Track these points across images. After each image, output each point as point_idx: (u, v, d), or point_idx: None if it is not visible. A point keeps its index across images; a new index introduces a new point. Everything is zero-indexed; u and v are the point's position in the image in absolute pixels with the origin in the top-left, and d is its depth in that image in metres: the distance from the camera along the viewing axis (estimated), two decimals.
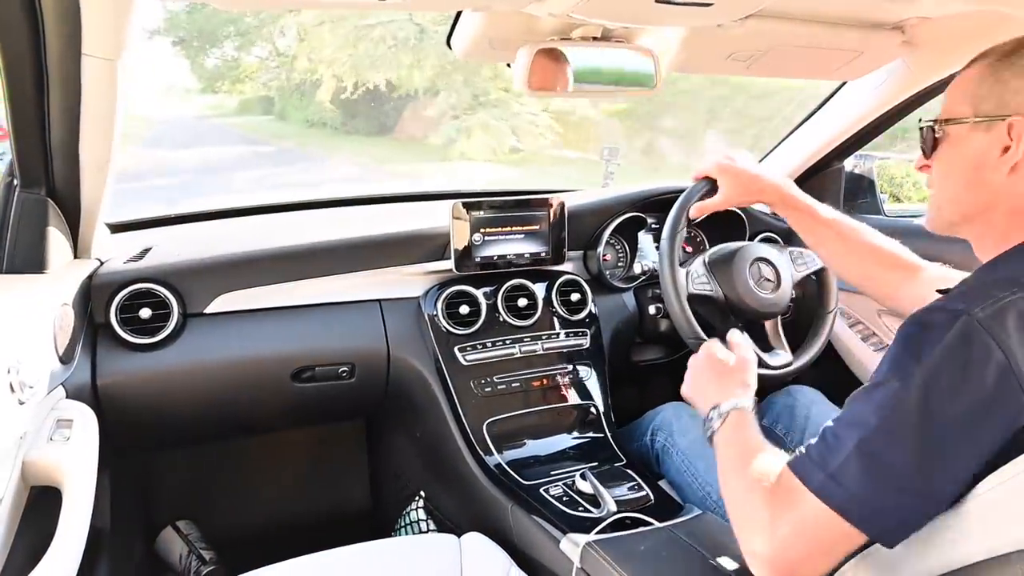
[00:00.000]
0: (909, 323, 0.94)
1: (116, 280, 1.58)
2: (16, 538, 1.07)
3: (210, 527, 2.08)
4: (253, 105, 17.44)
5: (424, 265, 1.85)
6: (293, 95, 16.17)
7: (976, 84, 1.02)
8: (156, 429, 1.77)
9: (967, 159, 1.02)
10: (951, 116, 1.04)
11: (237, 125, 16.77)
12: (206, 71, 17.32)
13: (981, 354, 0.86)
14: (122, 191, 1.63)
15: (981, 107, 1.00)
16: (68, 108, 1.24)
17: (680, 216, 1.62)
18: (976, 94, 1.01)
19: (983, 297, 0.90)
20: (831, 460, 0.92)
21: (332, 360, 1.74)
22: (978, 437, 0.86)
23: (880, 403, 0.91)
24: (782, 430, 1.73)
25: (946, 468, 0.87)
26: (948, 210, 1.08)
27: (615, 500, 1.49)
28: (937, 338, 0.88)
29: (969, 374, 0.86)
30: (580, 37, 1.41)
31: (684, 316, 1.62)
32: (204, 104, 17.86)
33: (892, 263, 1.47)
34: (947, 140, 1.05)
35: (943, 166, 1.07)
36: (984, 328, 0.86)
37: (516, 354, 1.83)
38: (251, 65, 17.08)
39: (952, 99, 1.06)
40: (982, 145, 1.00)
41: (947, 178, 1.07)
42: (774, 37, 1.44)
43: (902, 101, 1.89)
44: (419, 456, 2.04)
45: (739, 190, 1.56)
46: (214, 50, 16.87)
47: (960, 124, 1.03)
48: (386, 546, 1.48)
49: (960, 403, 0.86)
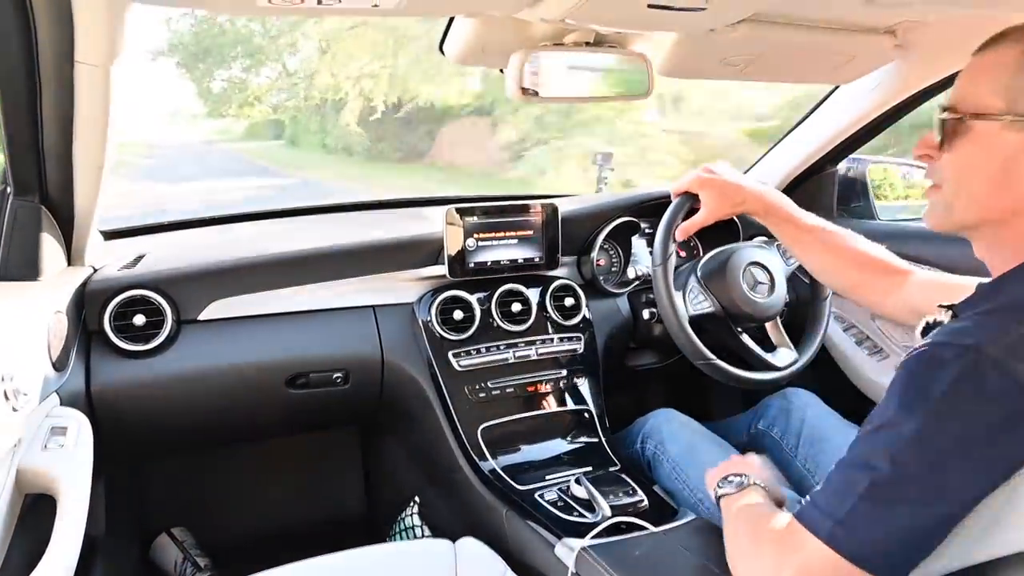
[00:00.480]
0: (915, 359, 0.89)
1: (110, 287, 1.57)
2: (10, 546, 1.07)
3: (205, 534, 2.07)
4: (261, 130, 16.60)
5: (418, 271, 1.84)
6: (312, 117, 14.87)
7: (1012, 75, 0.91)
8: (150, 436, 1.77)
9: (994, 158, 0.92)
10: (981, 110, 0.93)
11: (246, 152, 15.59)
12: (212, 94, 16.65)
13: (994, 392, 0.82)
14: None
15: (1019, 103, 0.90)
16: (61, 115, 1.24)
17: (667, 240, 1.62)
18: (1012, 87, 0.90)
19: (993, 327, 0.86)
20: (839, 508, 0.90)
21: (326, 366, 1.74)
22: (992, 475, 0.84)
23: (888, 446, 0.88)
24: (778, 433, 1.73)
25: (958, 505, 0.86)
26: (963, 210, 0.98)
27: (610, 505, 1.49)
28: (946, 376, 0.84)
29: (982, 413, 0.83)
30: (573, 42, 1.41)
31: (689, 341, 1.63)
32: (211, 129, 17.02)
33: (879, 268, 1.45)
34: (971, 134, 0.94)
35: (961, 161, 0.96)
36: (997, 365, 0.82)
37: (510, 359, 1.83)
38: (260, 87, 16.39)
39: (980, 88, 0.94)
40: (1014, 145, 0.90)
41: (965, 175, 0.96)
42: (767, 42, 1.44)
43: (896, 104, 1.89)
44: (413, 461, 2.04)
45: (722, 203, 1.54)
46: (220, 71, 16.29)
47: (991, 120, 0.92)
48: (381, 551, 1.47)
49: (973, 444, 0.83)
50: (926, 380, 0.87)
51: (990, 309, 0.91)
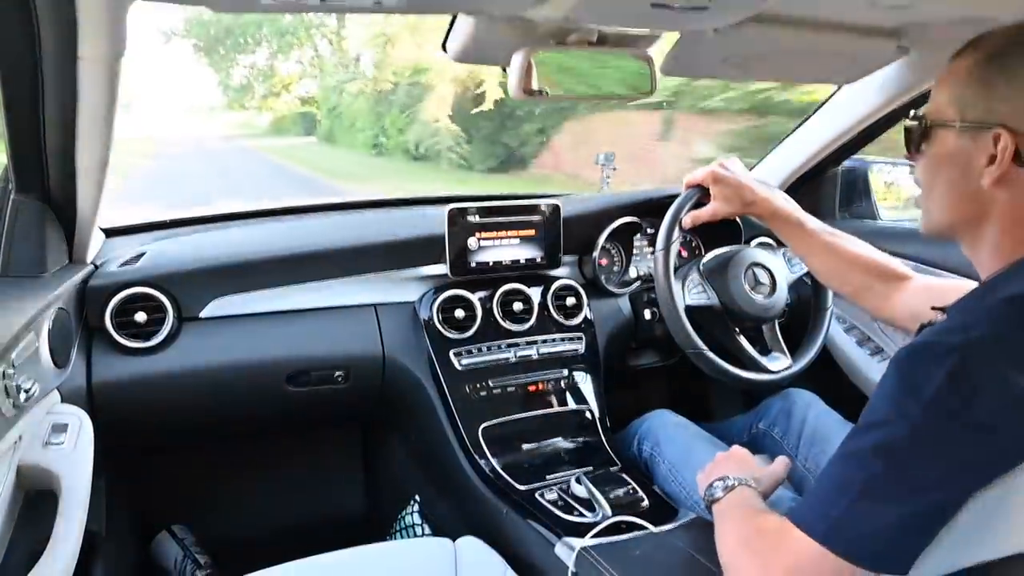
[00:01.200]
0: (905, 357, 0.90)
1: (111, 284, 1.57)
2: (11, 543, 1.07)
3: (205, 531, 2.07)
4: (289, 124, 13.45)
5: (419, 269, 1.85)
6: (359, 109, 11.14)
7: (963, 86, 0.96)
8: (151, 433, 1.77)
9: (953, 164, 0.97)
10: (937, 118, 0.99)
11: (272, 151, 11.83)
12: (232, 85, 13.38)
13: (983, 387, 0.83)
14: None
15: (967, 113, 0.95)
16: (64, 112, 1.24)
17: (672, 226, 1.62)
18: (962, 97, 0.96)
19: (981, 325, 0.87)
20: (833, 508, 0.90)
21: (327, 364, 1.74)
22: (985, 471, 0.85)
23: (880, 444, 0.88)
24: (779, 433, 1.73)
25: (953, 501, 0.86)
26: (937, 215, 1.03)
27: (610, 504, 1.49)
28: (935, 373, 0.85)
29: (972, 409, 0.83)
30: (576, 41, 1.41)
31: (683, 328, 1.63)
32: (231, 122, 13.66)
33: (881, 274, 1.47)
34: (933, 141, 1.00)
35: (930, 166, 1.02)
36: (983, 363, 0.84)
37: (511, 358, 1.83)
38: (289, 76, 13.03)
39: (939, 98, 1.00)
40: (967, 152, 0.95)
41: (934, 181, 1.02)
42: (770, 41, 1.44)
43: (899, 105, 1.89)
44: (414, 460, 2.04)
45: (731, 200, 1.56)
46: (243, 56, 13.37)
47: (947, 128, 0.98)
48: (381, 550, 1.47)
49: (965, 439, 0.84)
50: (916, 378, 0.87)
51: (979, 310, 0.93)
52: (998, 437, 0.83)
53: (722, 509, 1.18)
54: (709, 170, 1.60)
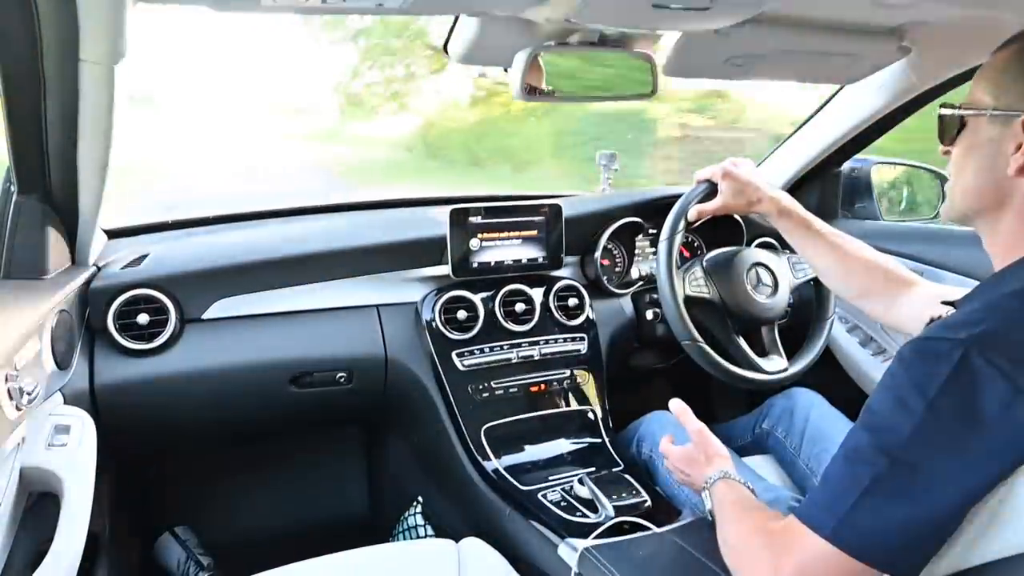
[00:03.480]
0: (910, 352, 0.90)
1: (114, 286, 1.57)
2: (14, 544, 1.07)
3: (208, 533, 2.07)
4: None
5: (422, 270, 1.85)
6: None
7: (999, 73, 0.96)
8: (154, 435, 1.77)
9: (983, 151, 0.97)
10: (971, 104, 0.99)
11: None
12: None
13: (988, 384, 0.83)
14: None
15: (1001, 99, 0.95)
16: (65, 114, 1.24)
17: (679, 217, 1.63)
18: (998, 85, 0.96)
19: (987, 321, 0.87)
20: (840, 505, 0.90)
21: (330, 366, 1.74)
22: (991, 467, 0.84)
23: (886, 440, 0.88)
24: (782, 433, 1.73)
25: (960, 496, 0.85)
26: (960, 200, 1.03)
27: (613, 505, 1.49)
28: (941, 370, 0.84)
29: (977, 406, 0.83)
30: (578, 42, 1.41)
31: (679, 317, 1.62)
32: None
33: (887, 278, 1.47)
34: (965, 129, 1.00)
35: (961, 153, 1.01)
36: (990, 359, 0.83)
37: (513, 359, 1.83)
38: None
39: (978, 85, 1.00)
40: (997, 139, 0.95)
41: (963, 167, 1.01)
42: (772, 41, 1.44)
43: (901, 105, 1.89)
44: (417, 461, 2.04)
45: (738, 197, 1.58)
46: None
47: (979, 115, 0.97)
48: (384, 552, 1.48)
49: (969, 437, 0.83)
50: (920, 372, 0.87)
51: (986, 304, 0.92)
52: (1002, 433, 0.83)
53: (716, 509, 1.19)
54: (720, 166, 1.61)
